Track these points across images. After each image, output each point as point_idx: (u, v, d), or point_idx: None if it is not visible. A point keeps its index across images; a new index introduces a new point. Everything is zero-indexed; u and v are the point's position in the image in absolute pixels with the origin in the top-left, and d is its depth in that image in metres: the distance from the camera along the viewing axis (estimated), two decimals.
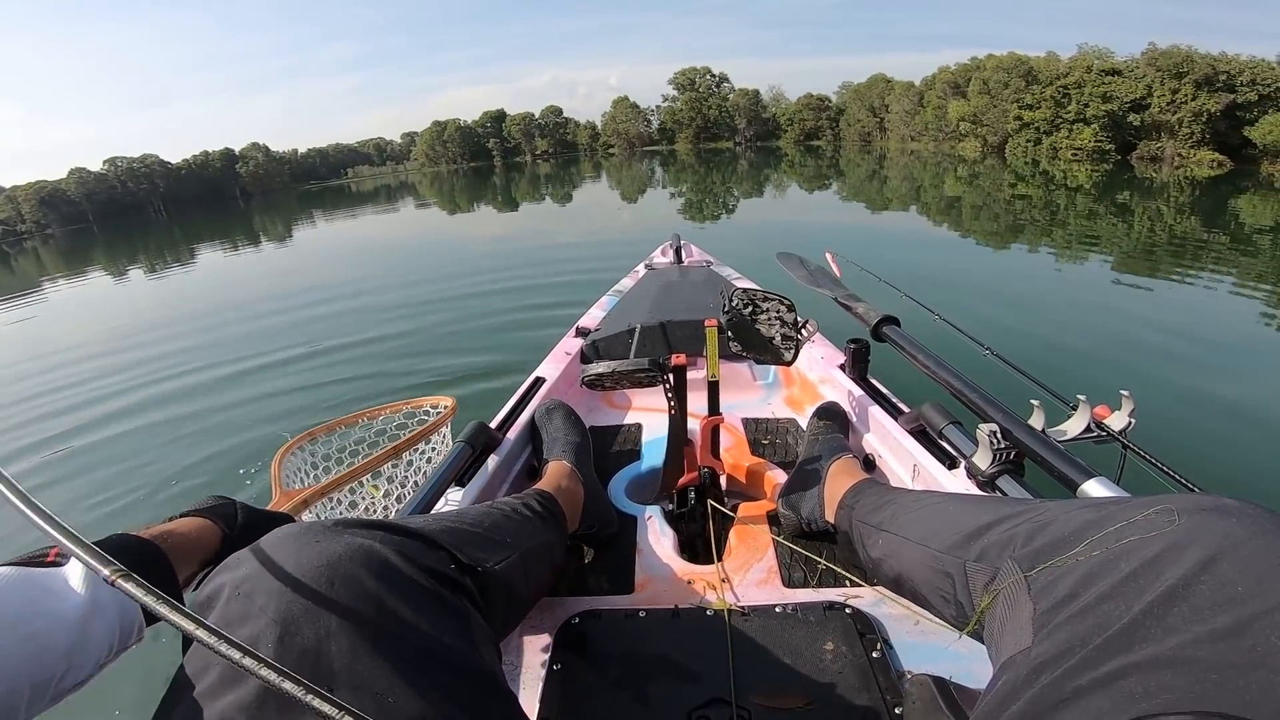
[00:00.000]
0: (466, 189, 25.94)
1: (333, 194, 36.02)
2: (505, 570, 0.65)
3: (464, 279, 5.79)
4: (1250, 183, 14.72)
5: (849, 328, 1.42)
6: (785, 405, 1.56)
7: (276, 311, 5.33)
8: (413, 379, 3.28)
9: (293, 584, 0.40)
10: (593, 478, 1.11)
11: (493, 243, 8.71)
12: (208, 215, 29.74)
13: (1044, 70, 26.80)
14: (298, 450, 1.28)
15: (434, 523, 0.61)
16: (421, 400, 1.47)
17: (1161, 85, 22.38)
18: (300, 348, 4.08)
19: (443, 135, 60.25)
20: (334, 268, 7.77)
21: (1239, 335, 3.74)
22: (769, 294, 1.09)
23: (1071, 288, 5.07)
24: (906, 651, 0.78)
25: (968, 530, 0.63)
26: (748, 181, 18.51)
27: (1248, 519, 0.42)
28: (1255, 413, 2.65)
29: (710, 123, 53.88)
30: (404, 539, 0.49)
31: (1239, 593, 0.37)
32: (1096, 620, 0.42)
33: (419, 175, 49.72)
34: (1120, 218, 9.11)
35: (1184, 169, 19.21)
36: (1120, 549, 0.44)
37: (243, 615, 0.39)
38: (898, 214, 10.31)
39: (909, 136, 36.71)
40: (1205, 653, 0.36)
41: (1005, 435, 0.90)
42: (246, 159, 55.70)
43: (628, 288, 2.32)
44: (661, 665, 0.76)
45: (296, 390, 3.33)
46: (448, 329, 4.20)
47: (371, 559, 0.44)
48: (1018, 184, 14.67)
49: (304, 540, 0.44)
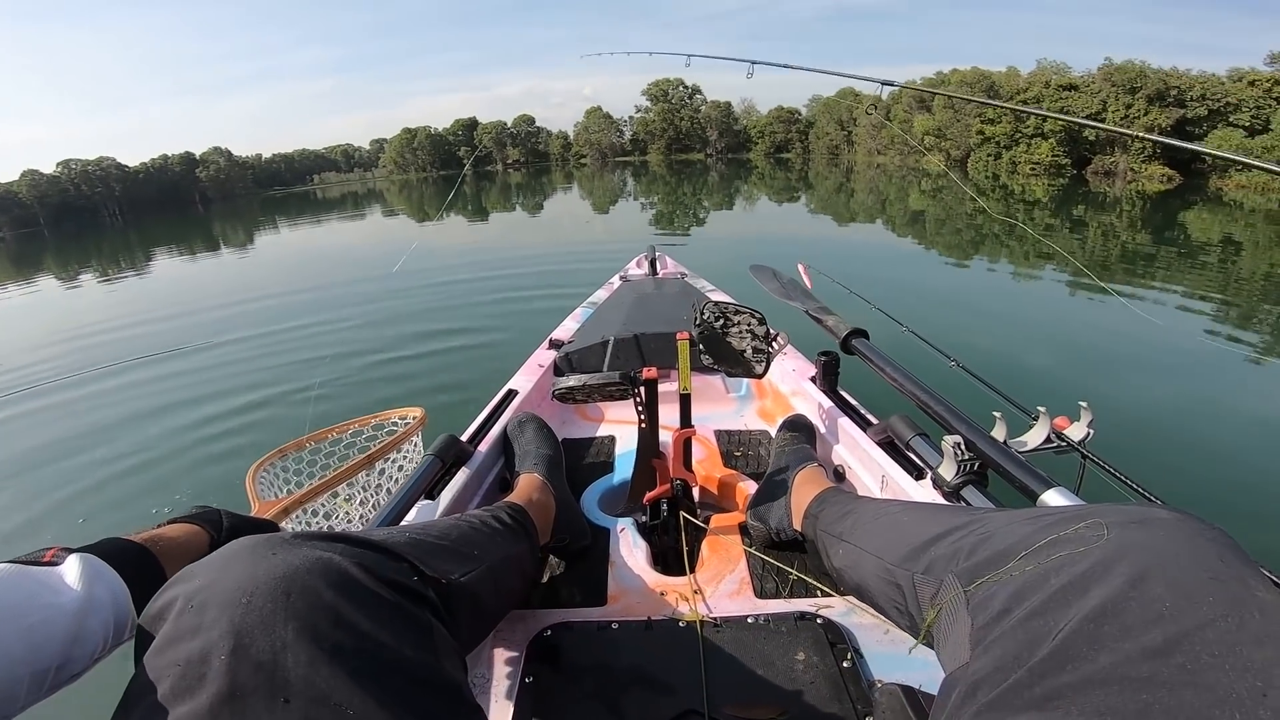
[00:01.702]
0: (436, 197, 25.68)
1: (297, 200, 35.29)
2: (471, 582, 0.65)
3: (434, 290, 5.73)
4: (1198, 197, 15.39)
5: (820, 340, 1.44)
6: (758, 417, 1.57)
7: (237, 323, 5.19)
8: (382, 393, 3.23)
9: (247, 596, 0.40)
10: (565, 490, 1.11)
11: (463, 254, 8.62)
12: (166, 220, 28.86)
13: (1005, 85, 27.69)
14: (269, 466, 1.28)
15: (398, 535, 0.61)
16: (390, 413, 1.47)
17: (1116, 100, 23.28)
18: (264, 362, 3.98)
19: (413, 142, 59.64)
20: (296, 277, 7.59)
21: (1189, 346, 3.90)
22: (740, 307, 1.11)
23: (1031, 300, 5.24)
24: (877, 661, 0.79)
25: (917, 543, 0.64)
26: (719, 194, 18.71)
27: (1175, 531, 0.42)
28: (1205, 420, 2.77)
29: (682, 134, 54.41)
30: (364, 551, 0.49)
31: (1167, 609, 0.37)
32: (1027, 637, 0.42)
33: (387, 182, 49.03)
34: (1076, 232, 9.45)
35: (1136, 183, 19.98)
36: (1051, 564, 0.45)
37: (195, 628, 0.39)
38: (865, 226, 10.55)
39: (875, 150, 37.54)
40: (1137, 671, 0.36)
41: (969, 447, 0.93)
42: (208, 163, 54.24)
43: (602, 299, 2.32)
44: (634, 677, 0.76)
45: (262, 407, 3.24)
46: (418, 341, 4.14)
47: (330, 571, 0.44)
48: (980, 198, 15.10)
49: (260, 553, 0.43)
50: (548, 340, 1.87)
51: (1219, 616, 0.36)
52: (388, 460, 1.34)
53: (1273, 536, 1.85)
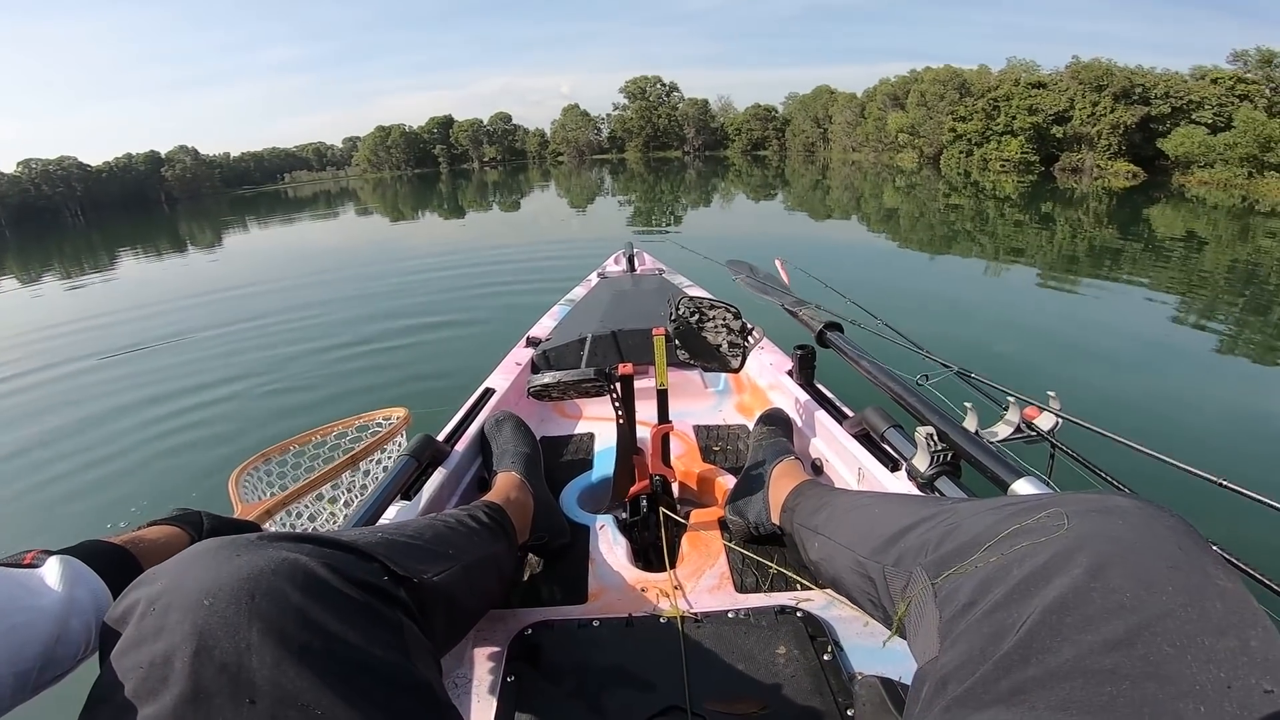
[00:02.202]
0: (411, 196, 25.36)
1: (268, 199, 34.52)
2: (446, 581, 0.64)
3: (410, 289, 5.68)
4: (1162, 193, 15.82)
5: (797, 334, 1.45)
6: (736, 412, 1.58)
7: (208, 323, 5.07)
8: (362, 394, 3.20)
9: (210, 598, 0.40)
10: (543, 488, 1.11)
11: (439, 252, 8.54)
12: (130, 220, 28.07)
13: (976, 83, 28.09)
14: (252, 470, 1.27)
15: (369, 535, 0.60)
16: (374, 413, 1.47)
17: (1083, 98, 23.68)
18: (240, 365, 3.90)
19: (386, 140, 58.79)
20: (270, 277, 7.44)
21: (1153, 337, 4.01)
22: (715, 302, 1.11)
23: (1001, 293, 5.35)
24: (857, 653, 0.80)
25: (888, 534, 0.64)
26: (696, 191, 18.77)
27: (1134, 519, 0.42)
28: (1170, 408, 2.86)
29: (660, 131, 54.41)
30: (334, 551, 0.48)
31: (1128, 600, 0.37)
32: (992, 629, 0.42)
33: (361, 181, 48.27)
34: (1044, 227, 9.66)
35: (1102, 180, 20.44)
36: (1014, 555, 0.44)
37: (157, 630, 0.39)
38: (840, 223, 10.67)
39: (850, 147, 37.95)
40: (1099, 664, 0.36)
41: (942, 437, 0.94)
42: (173, 162, 52.80)
43: (580, 296, 2.31)
44: (616, 674, 0.76)
45: (241, 411, 3.17)
46: (395, 341, 4.10)
47: (296, 572, 0.43)
48: (951, 194, 15.36)
49: (223, 555, 0.43)
50: (525, 338, 1.86)
51: (1179, 606, 0.36)
52: (372, 460, 1.34)
53: (1234, 522, 1.91)
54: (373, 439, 1.31)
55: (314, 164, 68.59)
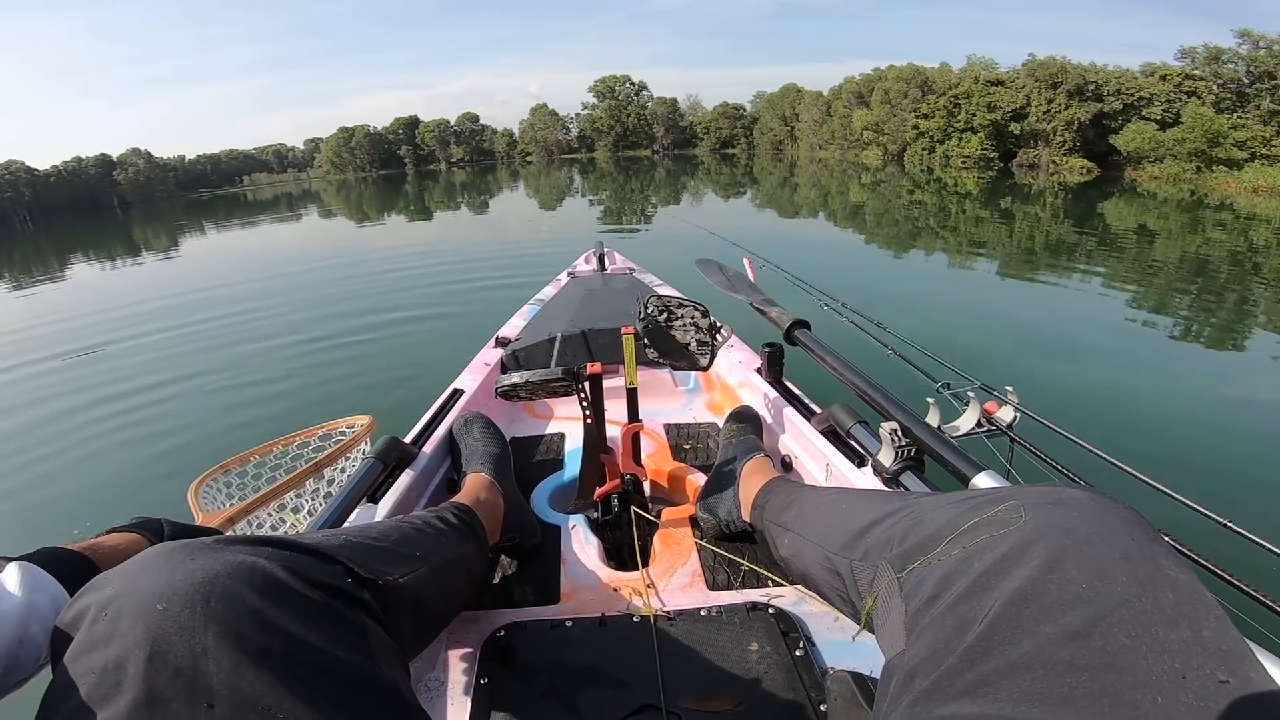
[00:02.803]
0: (376, 197, 24.89)
1: (226, 202, 33.50)
2: (412, 583, 0.64)
3: (377, 291, 5.59)
4: (1115, 188, 16.35)
5: (767, 332, 1.46)
6: (706, 410, 1.59)
7: (164, 330, 4.91)
8: (328, 400, 3.13)
9: (163, 603, 0.39)
10: (513, 489, 1.10)
11: (406, 253, 8.41)
12: (81, 226, 27.04)
13: (938, 81, 28.64)
14: (212, 482, 1.25)
15: (332, 538, 0.59)
16: (337, 422, 1.45)
17: (1039, 95, 24.29)
18: (198, 372, 3.79)
19: (350, 141, 57.60)
20: (229, 282, 7.22)
21: (1107, 329, 4.15)
22: (684, 301, 1.11)
23: (963, 288, 5.47)
24: (828, 648, 0.80)
25: (854, 530, 0.65)
26: (666, 190, 18.81)
27: (1088, 510, 0.43)
28: (1124, 399, 2.95)
29: (629, 131, 54.34)
30: (294, 554, 0.48)
31: (1083, 591, 0.38)
32: (956, 622, 0.42)
33: (323, 183, 47.22)
34: (1004, 222, 9.91)
35: (1058, 175, 21.06)
36: (974, 548, 0.45)
37: (109, 635, 0.38)
38: (808, 220, 10.80)
39: (817, 145, 38.42)
40: (1058, 655, 0.36)
41: (905, 433, 0.96)
42: (125, 165, 50.96)
43: (550, 296, 2.30)
44: (590, 674, 0.76)
45: (200, 420, 3.08)
46: (362, 345, 4.03)
47: (254, 575, 0.43)
48: (915, 190, 15.67)
49: (177, 558, 0.42)
50: (494, 338, 1.85)
51: (1133, 597, 0.37)
52: (336, 469, 1.31)
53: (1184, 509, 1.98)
54: (336, 447, 1.29)
55: (274, 166, 66.82)
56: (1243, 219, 10.38)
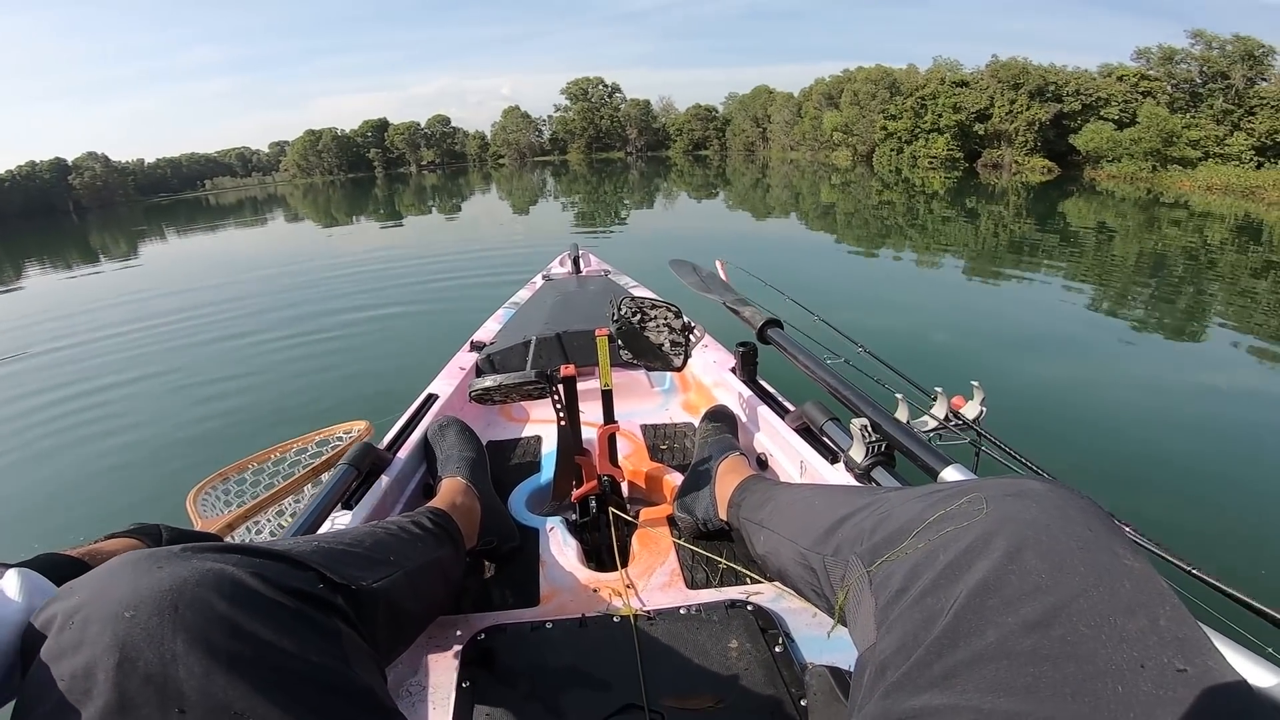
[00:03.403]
0: (345, 201, 24.46)
1: (187, 207, 32.59)
2: (387, 588, 0.64)
3: (349, 298, 5.49)
4: (1075, 187, 16.84)
5: (741, 331, 1.48)
6: (682, 410, 1.60)
7: (135, 341, 4.75)
8: (307, 408, 3.09)
9: (131, 610, 0.39)
10: (490, 492, 1.10)
11: (378, 257, 8.29)
12: (35, 232, 26.06)
13: (905, 82, 29.14)
14: (210, 490, 1.25)
15: (305, 544, 0.60)
16: (334, 428, 1.44)
17: (1002, 96, 24.89)
18: (180, 383, 3.69)
19: (317, 144, 56.47)
20: (195, 288, 7.04)
21: (1069, 324, 4.27)
22: (657, 302, 1.12)
23: (931, 286, 5.59)
24: (807, 644, 0.81)
25: (826, 525, 0.66)
26: (640, 192, 18.84)
27: (1046, 501, 0.44)
28: (1084, 392, 3.04)
29: (602, 133, 54.26)
30: (264, 561, 0.48)
31: (1043, 581, 0.39)
32: (923, 615, 0.43)
33: (289, 187, 46.25)
34: (969, 221, 10.14)
35: (1020, 175, 21.59)
36: (940, 540, 0.46)
37: (76, 643, 0.38)
38: (780, 221, 10.91)
39: (789, 146, 38.83)
40: (1021, 645, 0.37)
41: (875, 429, 0.97)
42: (82, 169, 49.28)
43: (525, 299, 2.29)
44: (571, 675, 0.76)
45: (193, 430, 2.99)
46: (337, 353, 3.98)
47: (223, 582, 0.43)
48: (884, 191, 15.94)
49: (144, 566, 0.42)
50: (469, 342, 1.83)
51: (1091, 586, 0.38)
52: None
53: (1143, 497, 2.06)
54: (334, 453, 1.29)
55: (238, 170, 65.09)
56: (1197, 216, 10.78)
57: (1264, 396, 3.08)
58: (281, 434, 1.42)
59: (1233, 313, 4.55)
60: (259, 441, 1.40)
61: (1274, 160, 18.77)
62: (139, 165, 58.33)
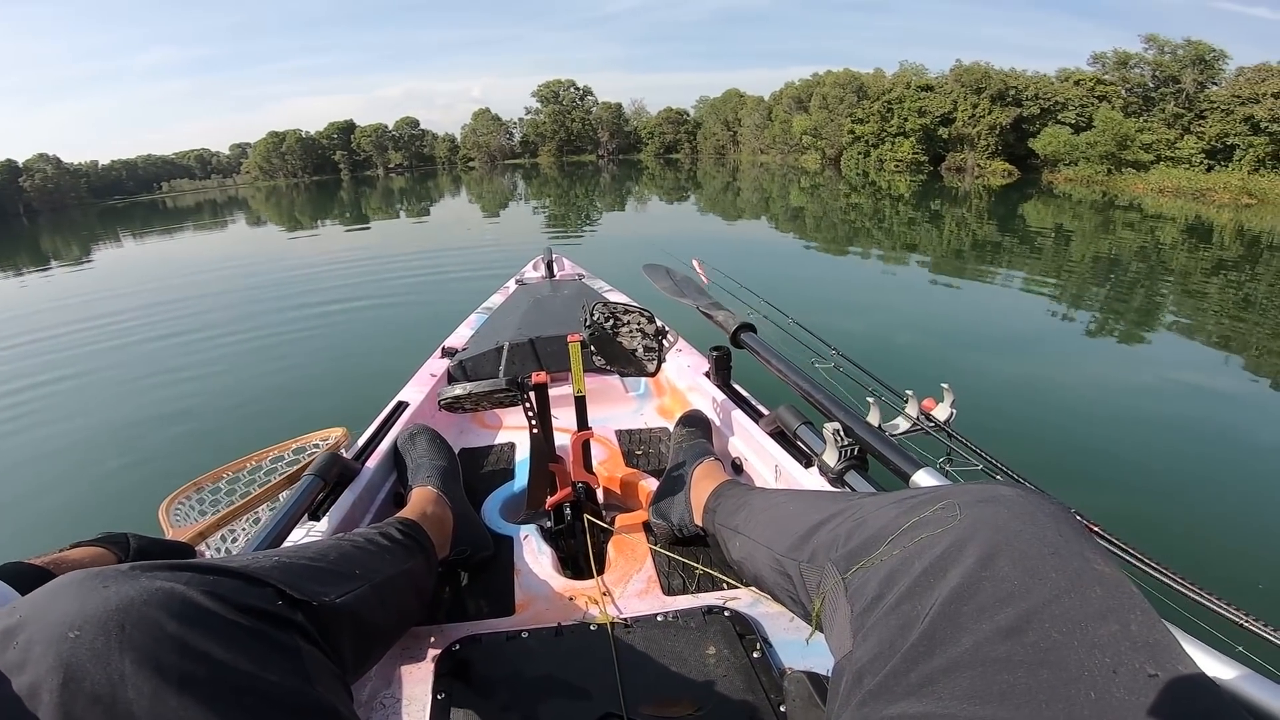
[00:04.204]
0: (309, 204, 23.91)
1: (143, 210, 31.52)
2: (352, 602, 0.63)
3: (318, 304, 5.35)
4: (1034, 190, 17.33)
5: (716, 335, 1.48)
6: (657, 415, 1.60)
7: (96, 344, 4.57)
8: (283, 416, 3.00)
9: (75, 630, 0.39)
10: (463, 501, 1.08)
11: (346, 262, 8.13)
12: None
13: (872, 86, 29.65)
14: (184, 500, 1.20)
15: (264, 559, 0.58)
16: (310, 435, 1.40)
17: (964, 100, 25.53)
18: (147, 390, 3.56)
19: (280, 147, 55.16)
20: (149, 292, 6.79)
21: (1030, 325, 4.40)
22: (629, 306, 1.12)
23: (899, 288, 5.69)
24: (785, 649, 0.82)
25: (801, 531, 0.66)
26: (611, 194, 18.83)
27: (1017, 507, 0.45)
28: (1047, 390, 3.13)
29: (573, 136, 54.06)
30: (217, 578, 0.47)
31: (1016, 587, 0.39)
32: (899, 622, 0.43)
33: (251, 189, 45.07)
34: (934, 224, 10.37)
35: (982, 178, 22.12)
36: (914, 547, 0.46)
37: (20, 663, 0.38)
38: (751, 223, 11.01)
39: (759, 149, 39.22)
40: (995, 652, 0.37)
41: (848, 433, 0.98)
42: (32, 171, 47.40)
43: (498, 304, 2.27)
44: (549, 685, 0.75)
45: (161, 441, 2.88)
46: (306, 360, 3.90)
47: (173, 601, 0.42)
48: (851, 194, 16.20)
49: (89, 586, 0.42)
50: (440, 348, 1.81)
51: (1063, 592, 0.38)
52: None
53: (1100, 492, 2.12)
54: (310, 460, 1.25)
55: (197, 172, 63.21)
56: (1149, 218, 11.19)
57: (1213, 392, 3.21)
58: (255, 443, 1.38)
59: (1184, 312, 4.72)
60: (232, 450, 1.36)
61: (1223, 163, 19.62)
62: (93, 167, 56.31)
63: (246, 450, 1.35)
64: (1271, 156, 18.64)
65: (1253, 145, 18.97)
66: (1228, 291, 5.38)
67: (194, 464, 1.31)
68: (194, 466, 1.29)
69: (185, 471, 1.27)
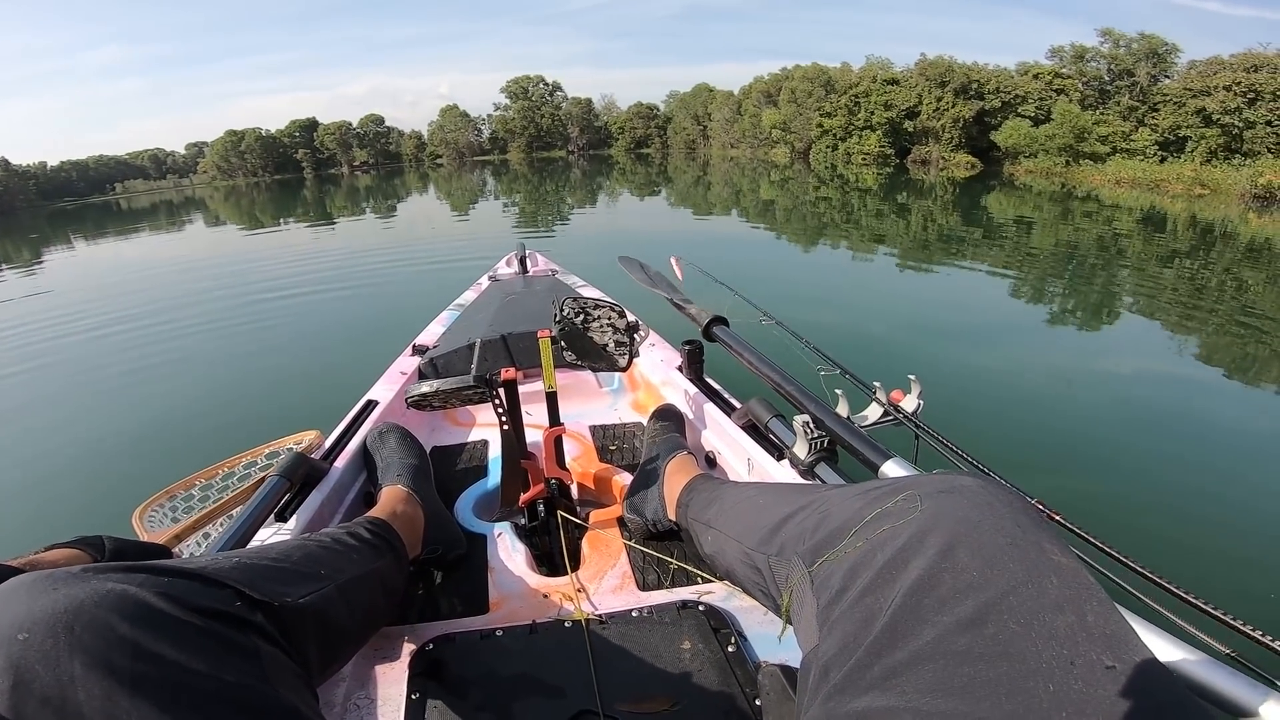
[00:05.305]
0: (271, 204, 23.29)
1: (96, 212, 30.27)
2: (316, 602, 0.62)
3: (286, 304, 5.21)
4: (996, 182, 17.72)
5: (689, 329, 1.48)
6: (631, 409, 1.59)
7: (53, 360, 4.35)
8: (255, 421, 2.90)
9: (25, 633, 0.39)
10: (434, 499, 1.07)
11: (313, 262, 7.95)
12: None
13: (840, 80, 30.02)
14: (157, 508, 1.18)
15: (223, 561, 0.57)
16: (284, 440, 1.38)
17: (929, 94, 26.01)
18: (109, 399, 3.43)
19: (239, 145, 53.62)
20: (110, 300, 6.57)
21: (994, 314, 4.51)
22: (601, 301, 1.11)
23: (867, 280, 5.78)
24: (759, 642, 0.82)
25: (770, 524, 0.66)
26: (582, 190, 18.73)
27: (976, 498, 0.45)
28: (1010, 379, 3.21)
29: (543, 131, 53.70)
30: (172, 580, 0.47)
31: (975, 579, 0.39)
32: (862, 615, 0.43)
33: (210, 189, 43.75)
34: (901, 216, 10.54)
35: (946, 171, 22.54)
36: (877, 539, 0.46)
37: None
38: (722, 218, 11.05)
39: (729, 144, 39.41)
40: (956, 644, 0.37)
41: (818, 425, 0.99)
42: None
43: (470, 301, 2.24)
44: (524, 683, 0.75)
45: (134, 445, 2.78)
46: (276, 362, 3.80)
47: (125, 603, 0.42)
48: (820, 187, 16.38)
49: (39, 588, 0.42)
50: (411, 346, 1.78)
51: (1020, 584, 0.38)
52: None
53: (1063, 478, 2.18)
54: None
55: (151, 172, 61.14)
56: (1107, 208, 11.53)
57: (1170, 378, 3.32)
58: (228, 448, 1.36)
59: (1141, 300, 4.87)
60: (205, 457, 1.33)
61: (1176, 154, 20.30)
62: (41, 169, 54.18)
63: (219, 456, 1.33)
64: (1223, 148, 19.33)
65: (1205, 137, 19.67)
66: (1182, 280, 5.57)
67: (167, 471, 1.28)
68: (167, 474, 1.26)
69: (157, 479, 1.24)
